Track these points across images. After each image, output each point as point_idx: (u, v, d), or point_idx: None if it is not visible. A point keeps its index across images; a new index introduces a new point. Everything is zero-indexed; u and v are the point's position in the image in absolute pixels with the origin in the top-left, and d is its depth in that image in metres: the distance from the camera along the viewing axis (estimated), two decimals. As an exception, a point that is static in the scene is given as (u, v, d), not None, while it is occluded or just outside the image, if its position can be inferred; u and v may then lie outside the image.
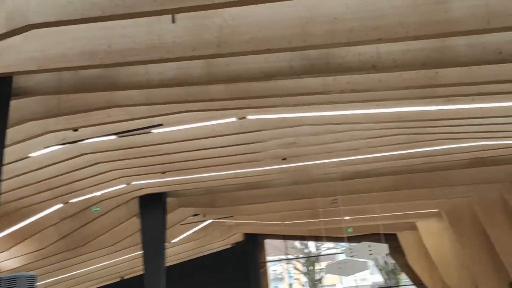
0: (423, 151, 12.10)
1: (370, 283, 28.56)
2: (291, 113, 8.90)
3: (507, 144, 11.78)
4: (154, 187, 13.34)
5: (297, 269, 27.18)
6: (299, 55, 6.36)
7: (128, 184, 12.73)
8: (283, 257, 24.43)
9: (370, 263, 26.04)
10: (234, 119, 9.17)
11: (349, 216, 16.90)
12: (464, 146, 11.88)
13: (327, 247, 26.49)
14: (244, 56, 6.27)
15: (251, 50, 5.69)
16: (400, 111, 8.82)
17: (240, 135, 9.96)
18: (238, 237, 22.07)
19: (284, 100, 7.90)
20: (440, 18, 5.27)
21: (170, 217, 14.48)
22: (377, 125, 9.83)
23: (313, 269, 25.73)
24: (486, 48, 5.96)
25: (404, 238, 19.64)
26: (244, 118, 9.16)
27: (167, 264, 13.91)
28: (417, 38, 5.49)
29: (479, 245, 15.74)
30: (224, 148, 10.63)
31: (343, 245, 20.33)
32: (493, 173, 13.73)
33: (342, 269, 13.02)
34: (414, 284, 20.49)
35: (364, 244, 13.46)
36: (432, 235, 17.82)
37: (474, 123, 9.63)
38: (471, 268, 15.87)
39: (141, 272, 13.62)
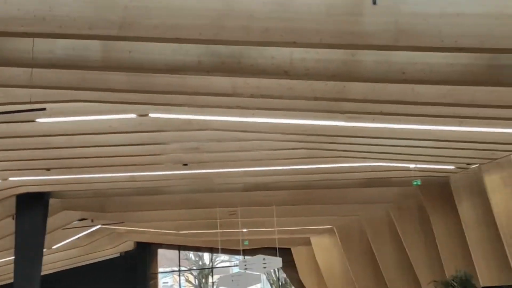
0: (323, 167, 12.37)
1: (261, 297, 28.79)
2: (197, 114, 8.45)
3: (397, 167, 12.50)
4: (35, 185, 11.92)
5: (189, 282, 26.43)
6: (209, 51, 5.97)
7: (4, 179, 11.22)
8: (176, 268, 23.59)
9: (263, 277, 26.20)
10: (134, 115, 8.46)
11: (247, 229, 16.77)
12: (360, 166, 12.36)
13: (221, 259, 26.17)
14: (150, 43, 5.73)
15: (158, 36, 5.17)
16: (306, 124, 8.84)
17: (140, 134, 9.24)
18: (128, 246, 20.81)
19: (190, 99, 7.44)
20: (353, 30, 5.22)
21: (52, 221, 13.07)
22: (283, 137, 9.76)
23: (206, 282, 25.19)
24: (391, 67, 6.09)
25: (298, 253, 20.05)
26: (145, 115, 8.50)
27: (47, 272, 12.47)
28: (330, 46, 5.42)
29: (365, 261, 16.51)
30: (121, 147, 9.80)
31: (238, 258, 20.15)
32: (382, 194, 14.53)
33: (235, 282, 12.74)
34: (303, 299, 21.02)
35: (259, 257, 13.34)
36: (324, 251, 18.39)
37: (372, 143, 10.02)
38: (356, 283, 16.57)
39: (10, 281, 12.02)
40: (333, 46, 5.42)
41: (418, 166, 12.19)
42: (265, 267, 12.95)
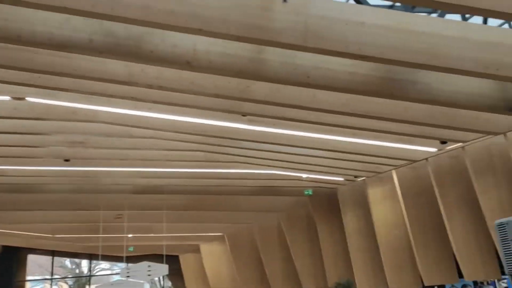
0: (219, 172, 12.07)
1: (143, 307, 27.48)
2: (84, 103, 7.59)
3: (291, 176, 12.67)
4: None
5: (64, 291, 24.17)
6: (104, 29, 5.32)
7: None
8: (48, 276, 21.35)
9: (147, 286, 24.99)
10: (7, 97, 7.34)
11: (133, 234, 15.76)
12: (256, 173, 12.29)
13: (101, 267, 24.41)
14: (31, 11, 4.92)
15: (42, 3, 4.45)
16: (205, 124, 8.46)
17: (14, 120, 8.07)
18: (-7, 250, 18.39)
19: (77, 84, 6.61)
20: (262, 24, 5.01)
21: None
22: (180, 136, 9.26)
23: (83, 292, 23.25)
24: (296, 69, 6.01)
25: (186, 261, 19.45)
26: (21, 98, 7.42)
27: None
28: (237, 38, 5.13)
29: (253, 270, 16.50)
30: (-11, 134, 8.49)
31: (121, 266, 18.88)
32: (274, 202, 14.64)
33: (116, 290, 11.77)
34: (187, 307, 20.42)
35: (144, 264, 12.52)
36: (213, 259, 18.06)
37: (270, 150, 9.97)
38: (242, 292, 16.51)
39: None
40: (240, 39, 5.14)
41: (311, 176, 12.48)
42: (149, 275, 12.17)
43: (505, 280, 12.93)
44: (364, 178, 13.09)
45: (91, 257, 19.66)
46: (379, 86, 6.29)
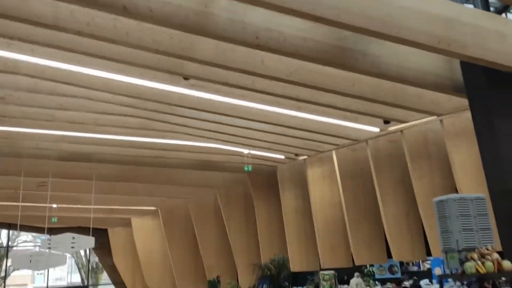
0: (155, 142, 11.40)
1: (66, 283, 26.10)
2: (3, 49, 6.66)
3: (232, 151, 12.28)
4: None
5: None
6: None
7: None
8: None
9: (71, 261, 23.85)
10: None
11: (58, 204, 14.69)
12: (195, 146, 11.76)
13: (24, 239, 22.92)
14: None
15: None
16: (142, 85, 7.79)
17: None
18: None
19: (-8, 23, 5.72)
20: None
21: None
22: (114, 98, 8.49)
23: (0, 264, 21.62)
24: (245, 28, 5.55)
25: (115, 235, 18.59)
26: None
27: None
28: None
29: (186, 246, 16.07)
30: None
31: (43, 237, 17.68)
32: (212, 178, 14.22)
33: (34, 262, 10.85)
34: (114, 284, 19.57)
35: (68, 236, 11.67)
36: (144, 234, 17.38)
37: (211, 120, 9.48)
38: (174, 268, 16.00)
39: None
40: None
41: (252, 152, 12.16)
42: (73, 247, 11.37)
43: (428, 262, 13.48)
44: (305, 157, 13.00)
45: (10, 227, 18.21)
46: (330, 55, 6.01)
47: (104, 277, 22.36)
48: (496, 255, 5.50)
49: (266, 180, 14.33)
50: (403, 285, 6.67)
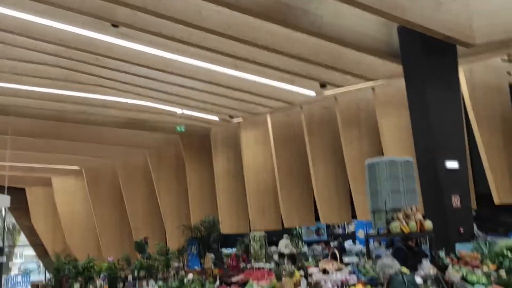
0: (79, 96, 10.59)
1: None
2: None
3: (164, 110, 11.79)
4: None
5: None
6: None
7: None
8: None
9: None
10: None
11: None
12: (122, 102, 11.10)
13: None
14: None
15: None
16: (66, 31, 7.06)
17: None
18: None
19: None
20: None
21: None
22: (34, 44, 7.61)
23: None
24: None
25: (33, 195, 17.47)
26: None
27: None
28: None
29: (112, 208, 15.49)
30: None
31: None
32: (142, 138, 13.66)
33: None
34: (32, 245, 18.58)
35: (-21, 194, 10.68)
36: (66, 194, 16.47)
37: (141, 74, 8.91)
38: (98, 230, 15.42)
39: None
40: None
41: (185, 112, 11.75)
42: (-15, 207, 10.42)
43: (353, 224, 14.09)
44: (239, 119, 12.83)
45: None
46: (272, 9, 5.76)
47: (22, 238, 21.16)
48: (419, 216, 5.75)
49: (199, 142, 14.04)
50: (332, 245, 6.90)
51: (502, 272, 4.17)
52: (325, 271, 4.07)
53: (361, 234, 13.77)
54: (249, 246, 9.36)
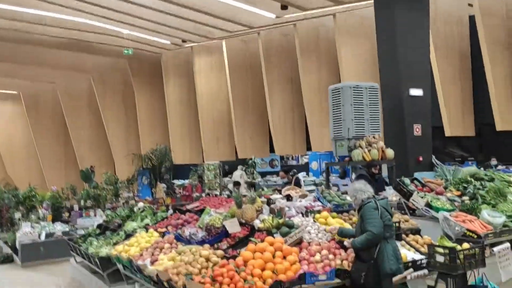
0: (14, 10, 9.35)
1: None
2: None
3: (110, 30, 10.75)
4: None
5: None
6: None
7: None
8: None
9: None
10: None
11: None
12: (62, 19, 9.91)
13: None
14: None
15: None
16: None
17: None
18: None
19: None
20: None
21: None
22: None
23: None
24: None
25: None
26: None
27: None
28: None
29: (54, 136, 14.56)
30: None
31: None
32: (86, 61, 12.60)
33: None
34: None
35: None
36: (4, 121, 15.26)
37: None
38: (41, 159, 14.55)
39: None
40: None
41: (133, 34, 10.79)
42: None
43: (307, 156, 14.15)
44: (192, 44, 12.04)
45: None
46: None
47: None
48: (381, 144, 5.59)
49: (149, 68, 13.18)
50: (291, 173, 6.74)
51: (466, 198, 4.12)
52: (288, 198, 3.84)
53: (314, 165, 13.90)
54: (203, 176, 9.07)
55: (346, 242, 3.03)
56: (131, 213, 5.34)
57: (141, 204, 5.50)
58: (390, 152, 5.60)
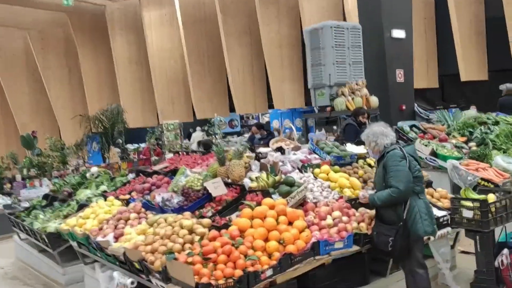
0: None
1: None
2: None
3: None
4: None
5: None
6: None
7: None
8: None
9: None
10: None
11: None
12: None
13: None
14: None
15: None
16: None
17: None
18: None
19: None
20: None
21: None
22: None
23: None
24: None
25: None
26: None
27: None
28: None
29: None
30: None
31: None
32: (21, 16, 11.13)
33: None
34: None
35: None
36: None
37: None
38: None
39: None
40: None
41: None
42: None
43: (267, 114, 13.59)
44: (140, -5, 10.91)
45: None
46: None
47: None
48: (365, 91, 5.07)
49: (92, 22, 11.87)
50: (263, 129, 6.11)
51: (473, 145, 3.68)
52: (280, 151, 3.20)
53: (276, 124, 13.36)
54: (162, 138, 8.26)
55: (362, 194, 2.43)
56: (84, 179, 4.55)
57: (94, 169, 4.71)
58: (374, 100, 5.10)
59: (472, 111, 4.64)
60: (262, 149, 3.25)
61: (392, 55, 5.55)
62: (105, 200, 3.49)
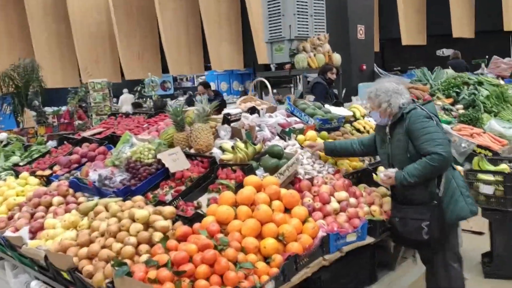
0: None
1: None
2: None
3: None
4: None
5: None
6: None
7: None
8: None
9: None
10: None
11: None
12: None
13: None
14: None
15: None
16: None
17: None
18: None
19: None
20: None
21: None
22: None
23: None
24: None
25: None
26: None
27: None
28: None
29: None
30: None
31: None
32: None
33: None
34: None
35: None
36: None
37: None
38: None
39: None
40: None
41: None
42: None
43: (203, 76, 12.76)
44: None
45: None
46: None
47: None
48: (327, 47, 4.50)
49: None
50: (210, 89, 5.33)
51: (460, 107, 3.28)
52: (253, 112, 2.54)
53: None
54: (87, 99, 7.20)
55: (383, 174, 1.84)
56: (-12, 149, 3.59)
57: (3, 135, 3.73)
58: (337, 57, 4.56)
59: (451, 70, 4.27)
60: (231, 110, 2.58)
61: (354, 9, 5.02)
62: (17, 177, 2.65)
